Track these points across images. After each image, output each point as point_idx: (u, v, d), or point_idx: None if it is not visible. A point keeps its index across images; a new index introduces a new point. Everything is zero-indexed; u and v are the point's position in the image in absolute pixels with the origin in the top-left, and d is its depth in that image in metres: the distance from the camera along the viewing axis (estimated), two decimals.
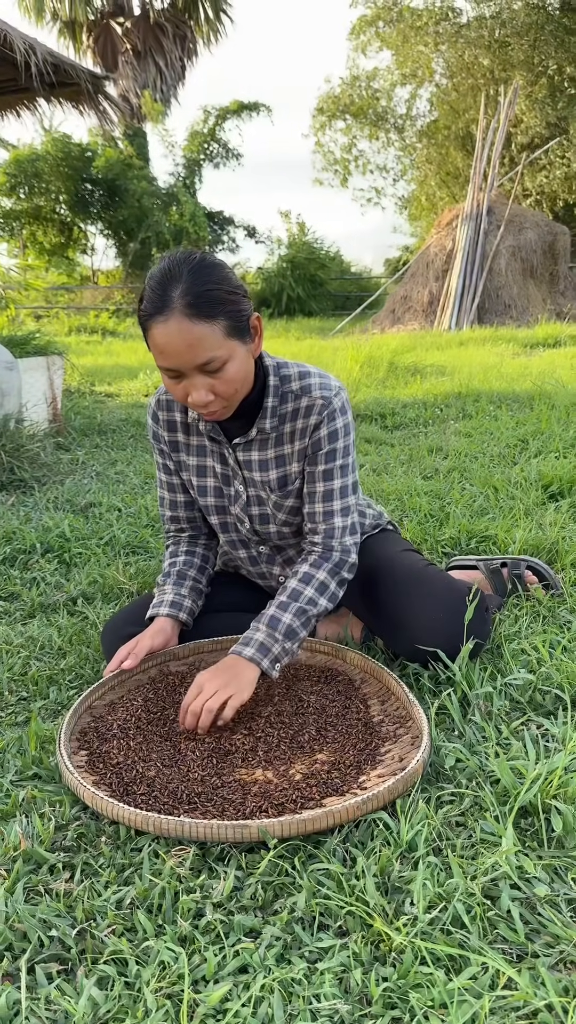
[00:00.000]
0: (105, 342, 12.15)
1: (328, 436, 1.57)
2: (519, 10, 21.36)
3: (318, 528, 1.61)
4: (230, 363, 1.40)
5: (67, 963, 0.98)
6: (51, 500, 3.10)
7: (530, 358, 7.80)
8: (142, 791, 1.26)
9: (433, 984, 0.93)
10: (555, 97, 21.51)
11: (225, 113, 21.99)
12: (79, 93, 6.61)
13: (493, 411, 4.52)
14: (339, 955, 0.97)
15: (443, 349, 8.95)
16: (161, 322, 1.35)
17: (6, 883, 1.08)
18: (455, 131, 23.15)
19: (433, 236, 14.47)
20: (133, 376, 7.15)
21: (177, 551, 1.78)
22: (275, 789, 1.26)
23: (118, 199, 19.34)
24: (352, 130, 25.17)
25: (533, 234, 13.63)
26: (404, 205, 27.69)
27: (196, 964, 0.96)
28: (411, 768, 1.21)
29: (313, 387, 1.56)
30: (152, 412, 1.70)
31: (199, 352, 1.36)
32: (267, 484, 1.62)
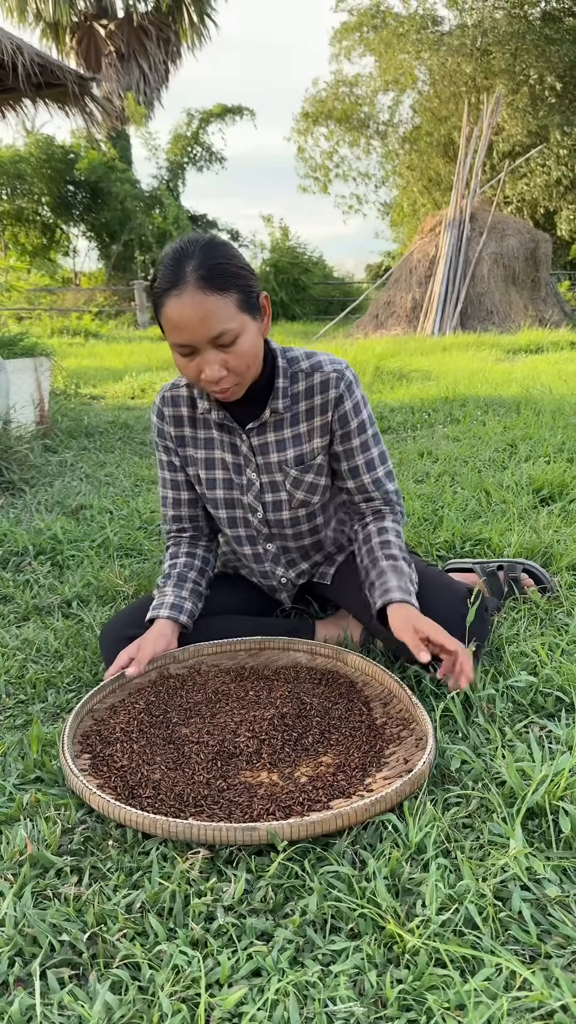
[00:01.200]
0: (88, 344, 12.09)
1: (353, 409, 1.62)
2: (500, 19, 21.56)
3: (374, 495, 1.69)
4: (242, 337, 1.43)
5: (78, 968, 0.97)
6: (41, 502, 3.08)
7: (513, 364, 7.86)
8: (148, 794, 1.25)
9: (448, 986, 0.93)
10: (536, 106, 21.71)
11: (208, 116, 22.00)
12: (65, 94, 6.58)
13: (480, 416, 4.54)
14: (353, 957, 0.97)
15: (427, 354, 8.99)
16: (175, 296, 1.37)
17: (13, 888, 1.07)
18: (437, 138, 23.30)
19: (416, 242, 14.55)
20: (118, 378, 7.12)
21: (178, 552, 1.77)
22: (281, 792, 1.26)
23: (101, 201, 19.28)
24: (335, 135, 25.26)
25: (515, 241, 13.74)
26: (386, 211, 27.83)
27: (209, 968, 0.96)
28: (418, 770, 1.21)
29: (324, 363, 1.61)
30: (157, 410, 1.70)
31: (212, 324, 1.38)
32: (284, 463, 1.64)
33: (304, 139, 25.43)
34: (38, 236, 20.23)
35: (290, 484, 1.66)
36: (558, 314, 13.96)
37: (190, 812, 1.21)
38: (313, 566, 1.83)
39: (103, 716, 1.49)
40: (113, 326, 16.22)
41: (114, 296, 19.08)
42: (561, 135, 21.24)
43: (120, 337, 13.78)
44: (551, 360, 8.13)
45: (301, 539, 1.75)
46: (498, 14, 21.66)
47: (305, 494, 1.67)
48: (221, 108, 21.96)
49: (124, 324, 16.82)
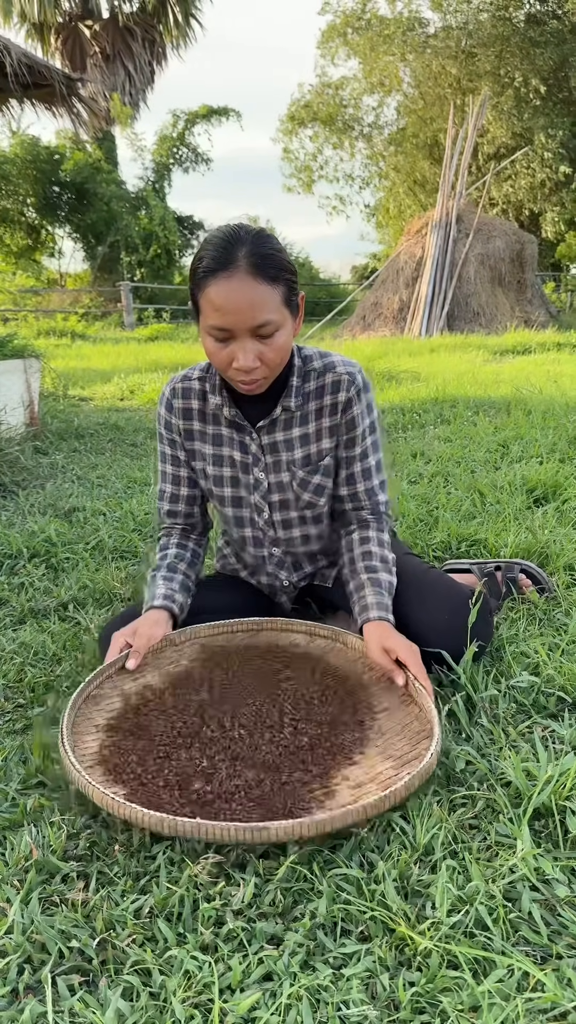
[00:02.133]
0: (75, 345, 12.03)
1: (360, 414, 1.62)
2: (485, 21, 21.66)
3: (364, 504, 1.68)
4: (281, 331, 1.42)
5: (88, 974, 0.96)
6: (33, 504, 3.06)
7: (501, 365, 7.89)
8: (162, 796, 1.23)
9: (461, 987, 0.93)
10: (520, 108, 21.83)
11: (194, 117, 21.98)
12: (52, 95, 6.56)
13: (471, 417, 4.55)
14: (364, 960, 0.96)
15: (415, 355, 9.01)
16: (224, 278, 1.35)
17: (20, 894, 1.06)
18: (423, 140, 23.38)
19: (403, 243, 14.58)
20: (106, 380, 7.10)
21: (168, 543, 1.76)
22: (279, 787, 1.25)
23: (86, 202, 19.24)
24: (320, 137, 25.30)
25: (501, 242, 13.81)
26: (371, 213, 27.91)
27: (220, 973, 0.95)
28: (427, 761, 1.20)
29: (337, 364, 1.60)
30: (166, 401, 1.67)
31: (259, 312, 1.37)
32: (292, 463, 1.63)
33: (289, 140, 25.48)
34: (23, 237, 20.15)
35: (297, 485, 1.65)
36: (544, 315, 14.03)
37: (197, 810, 1.20)
38: (316, 569, 1.83)
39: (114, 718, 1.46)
40: (99, 327, 16.17)
41: (100, 297, 19.03)
42: (546, 137, 21.36)
43: (107, 338, 13.73)
44: (539, 361, 8.18)
45: (308, 542, 1.74)
46: (483, 16, 21.76)
47: (311, 495, 1.66)
48: (207, 109, 21.95)
49: (111, 325, 16.78)
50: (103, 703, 1.48)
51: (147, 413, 5.45)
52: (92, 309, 17.98)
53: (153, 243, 19.35)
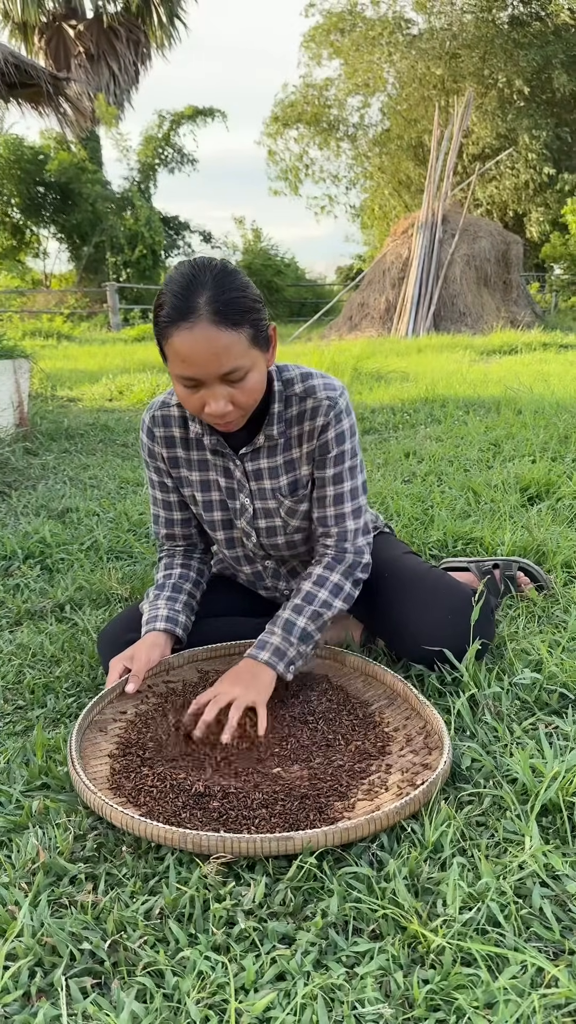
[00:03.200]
0: (61, 346, 11.98)
1: (336, 439, 1.55)
2: (469, 23, 21.75)
3: (331, 531, 1.59)
4: (251, 373, 1.38)
5: (100, 977, 0.95)
6: (26, 505, 3.04)
7: (488, 365, 7.92)
8: (181, 815, 1.22)
9: (476, 984, 0.92)
10: (504, 109, 21.94)
11: (180, 118, 21.93)
12: (39, 94, 6.53)
13: (461, 416, 4.57)
14: (378, 959, 0.96)
15: (403, 355, 9.03)
16: (186, 329, 1.31)
17: (28, 896, 1.05)
18: (407, 141, 23.45)
19: (389, 244, 14.62)
20: (94, 380, 7.07)
21: (172, 563, 1.74)
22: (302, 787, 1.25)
23: (71, 203, 19.15)
24: (305, 138, 25.33)
25: (487, 243, 13.87)
26: (357, 213, 27.96)
27: (234, 973, 0.94)
28: (441, 768, 1.21)
29: (317, 388, 1.54)
30: (147, 429, 1.63)
31: (225, 361, 1.33)
32: (278, 491, 1.60)
33: (274, 141, 25.49)
34: (7, 238, 20.04)
35: (285, 513, 1.61)
36: (530, 315, 14.10)
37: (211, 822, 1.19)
38: None
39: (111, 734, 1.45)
40: (85, 328, 16.11)
41: (85, 298, 18.96)
42: (529, 138, 21.48)
43: (93, 339, 13.68)
44: (526, 361, 8.22)
45: (300, 556, 1.72)
46: (467, 17, 21.85)
47: (300, 521, 1.64)
48: (192, 110, 21.91)
49: (96, 326, 16.71)
50: (108, 728, 1.46)
51: (136, 414, 5.44)
52: (78, 310, 17.91)
53: (139, 243, 19.29)
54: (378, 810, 1.19)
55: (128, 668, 1.55)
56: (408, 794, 1.22)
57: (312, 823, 1.18)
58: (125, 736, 1.43)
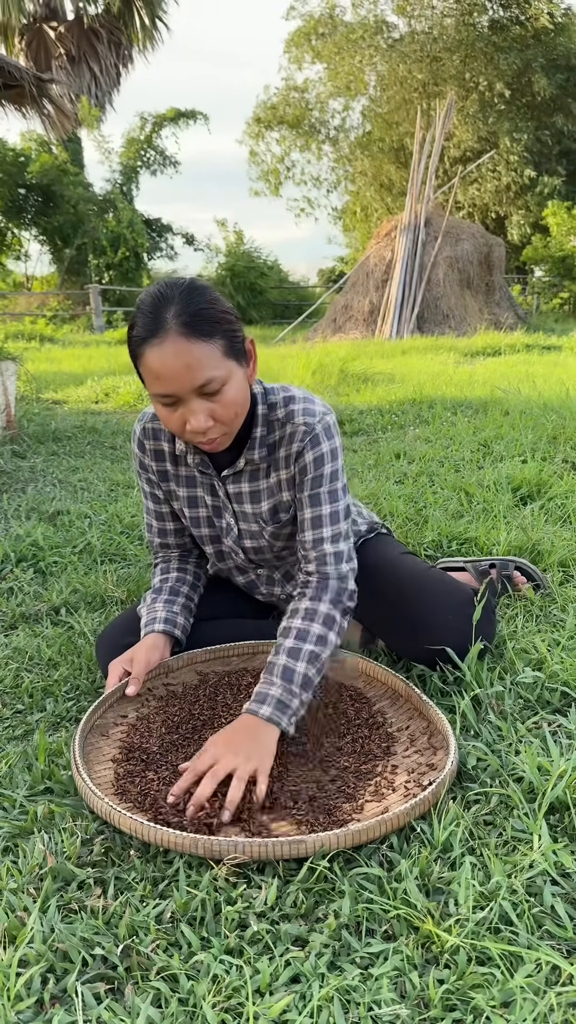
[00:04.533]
0: (44, 349, 11.91)
1: (313, 462, 1.50)
2: (450, 26, 21.88)
3: (309, 556, 1.52)
4: (229, 385, 1.35)
5: (113, 982, 0.95)
6: (16, 508, 3.01)
7: (473, 366, 7.96)
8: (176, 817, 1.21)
9: (491, 983, 0.92)
10: (485, 112, 22.09)
11: (162, 120, 21.91)
12: (22, 95, 6.49)
13: (449, 417, 4.58)
14: (392, 959, 0.96)
15: (388, 357, 9.05)
16: (156, 345, 1.29)
17: (37, 902, 1.04)
18: (388, 143, 23.54)
19: (372, 246, 14.66)
20: (79, 383, 7.03)
21: (169, 568, 1.73)
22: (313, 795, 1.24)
23: (53, 205, 19.08)
24: (286, 140, 25.37)
25: (469, 245, 13.94)
26: (339, 216, 28.03)
27: (248, 975, 0.94)
28: (449, 768, 1.21)
29: (296, 413, 1.50)
30: (138, 441, 1.62)
31: (197, 372, 1.30)
32: (259, 516, 1.58)
33: (256, 143, 25.51)
34: None
35: (269, 536, 1.61)
36: (512, 317, 14.19)
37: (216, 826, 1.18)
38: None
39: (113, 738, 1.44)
40: (68, 330, 16.04)
41: (68, 300, 18.88)
42: (511, 141, 21.63)
43: (76, 341, 13.62)
44: (510, 363, 8.26)
45: (293, 563, 1.72)
46: (447, 21, 21.97)
47: (286, 541, 1.63)
48: (174, 112, 21.89)
49: (79, 328, 16.65)
50: (110, 732, 1.45)
51: (124, 416, 5.42)
52: (60, 312, 17.83)
53: (121, 246, 19.23)
54: (387, 811, 1.19)
55: (127, 671, 1.54)
56: (415, 794, 1.22)
57: (322, 825, 1.18)
58: (127, 740, 1.42)
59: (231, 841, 1.09)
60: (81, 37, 20.88)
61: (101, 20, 21.03)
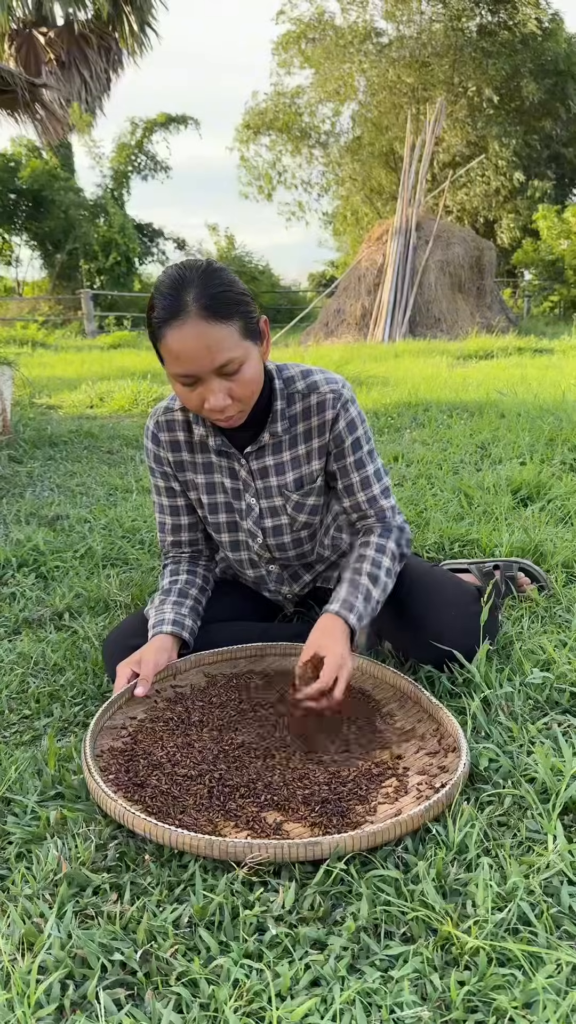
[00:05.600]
0: (36, 353, 11.88)
1: (347, 427, 1.58)
2: (438, 31, 21.96)
3: (368, 513, 1.64)
4: (247, 364, 1.40)
5: (132, 988, 0.94)
6: (16, 513, 3.00)
7: (466, 369, 7.97)
8: (188, 818, 1.20)
9: (512, 984, 0.92)
10: (474, 117, 22.18)
11: (153, 125, 21.93)
12: (15, 101, 6.49)
13: (445, 420, 4.59)
14: (412, 961, 0.96)
15: (381, 361, 9.07)
16: (177, 326, 1.34)
17: (53, 908, 1.03)
18: (379, 148, 23.61)
19: (364, 250, 14.69)
20: (73, 388, 7.01)
21: (178, 570, 1.73)
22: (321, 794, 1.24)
23: (44, 210, 19.07)
24: (276, 145, 25.41)
25: (460, 249, 13.98)
26: (329, 220, 28.10)
27: (269, 979, 0.93)
28: (462, 770, 1.21)
29: (320, 383, 1.57)
30: (151, 435, 1.65)
31: (217, 354, 1.35)
32: (284, 487, 1.61)
33: (246, 148, 25.55)
34: None
35: (292, 508, 1.63)
36: (504, 321, 14.23)
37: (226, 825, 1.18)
38: (315, 575, 1.82)
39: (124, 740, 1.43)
40: (60, 335, 16.01)
41: (59, 305, 18.86)
42: (499, 146, 21.73)
43: (69, 346, 13.60)
44: (502, 366, 8.28)
45: (304, 557, 1.73)
46: (436, 26, 22.05)
47: (308, 516, 1.66)
48: (165, 117, 21.92)
49: (71, 333, 16.63)
50: (120, 735, 1.44)
51: (119, 420, 5.41)
52: (52, 317, 17.80)
53: (112, 251, 19.23)
54: (400, 813, 1.19)
55: (136, 672, 1.54)
56: (428, 796, 1.22)
57: (335, 827, 1.17)
58: (138, 742, 1.41)
59: (246, 843, 1.09)
60: (71, 42, 20.86)
61: (91, 26, 21.02)
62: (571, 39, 22.42)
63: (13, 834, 1.20)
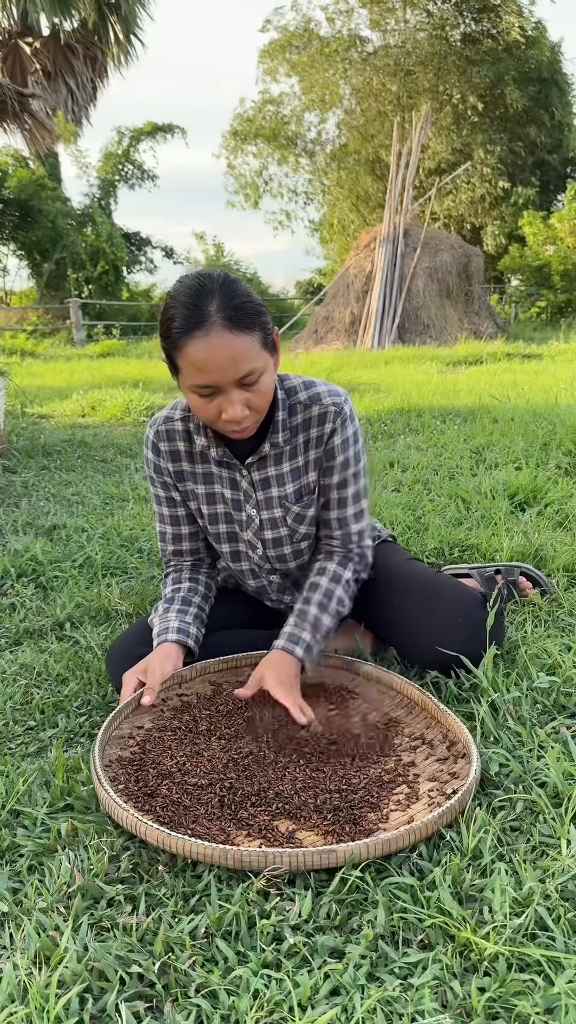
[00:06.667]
0: (25, 363, 11.85)
1: (341, 444, 1.58)
2: (423, 40, 22.11)
3: (334, 533, 1.65)
4: (265, 375, 1.40)
5: (151, 1000, 0.93)
6: (13, 523, 2.99)
7: (457, 375, 8.00)
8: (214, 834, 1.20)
9: (533, 990, 0.92)
10: (459, 124, 22.32)
11: (139, 134, 21.96)
12: (3, 111, 6.49)
13: (439, 425, 4.60)
14: (432, 968, 0.95)
15: (371, 367, 9.09)
16: (201, 337, 1.32)
17: (68, 921, 1.02)
18: (365, 156, 23.72)
19: (352, 258, 14.74)
20: (64, 397, 7.00)
21: (180, 578, 1.73)
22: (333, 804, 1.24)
23: (31, 219, 19.05)
24: (263, 153, 25.50)
25: (448, 256, 14.05)
26: (315, 228, 28.19)
27: (288, 990, 0.93)
28: (473, 776, 1.21)
29: (322, 395, 1.56)
30: (152, 444, 1.63)
31: (241, 364, 1.35)
32: (285, 499, 1.60)
33: (233, 156, 25.62)
34: None
35: (292, 520, 1.63)
36: (492, 327, 14.30)
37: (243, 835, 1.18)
38: None
39: (132, 750, 1.43)
40: (49, 345, 15.98)
41: (47, 315, 18.82)
42: (484, 153, 21.87)
43: (58, 356, 13.58)
44: (492, 371, 8.32)
45: (304, 567, 1.72)
46: (420, 35, 22.20)
47: (307, 527, 1.65)
48: (152, 126, 21.95)
49: (60, 342, 16.60)
50: (128, 745, 1.43)
51: (112, 429, 5.40)
52: (40, 326, 17.77)
53: (100, 260, 19.22)
54: (412, 820, 1.18)
55: (142, 681, 1.53)
56: (440, 803, 1.22)
57: (348, 835, 1.17)
58: (146, 752, 1.40)
59: (261, 852, 1.08)
60: (57, 53, 20.89)
61: (77, 36, 21.06)
62: (554, 47, 22.64)
63: (24, 846, 1.19)
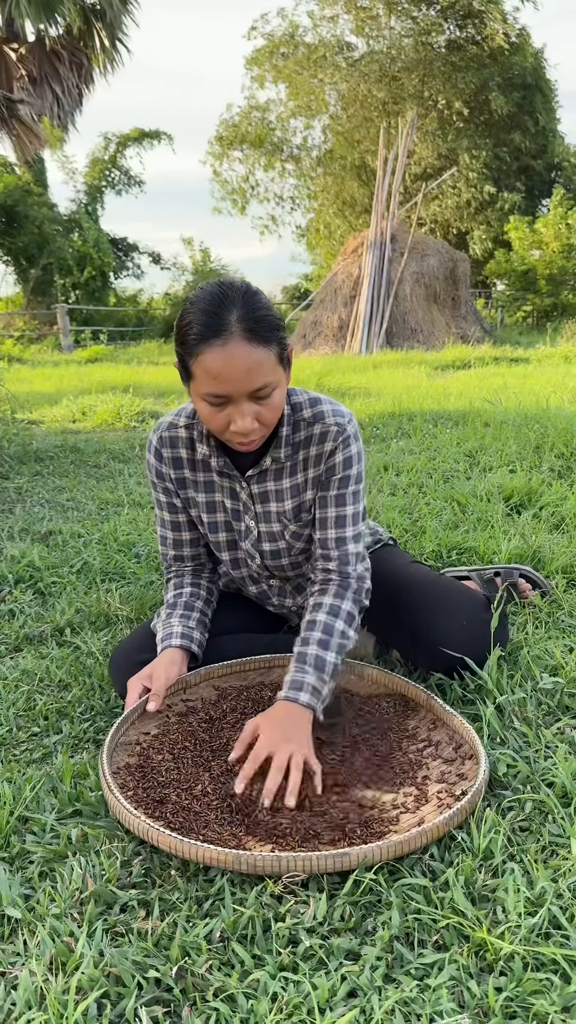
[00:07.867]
0: (12, 369, 11.80)
1: (343, 463, 1.55)
2: (408, 46, 22.24)
3: (331, 555, 1.57)
4: (277, 390, 1.39)
5: (169, 1005, 0.93)
6: (7, 529, 2.98)
7: (445, 379, 8.04)
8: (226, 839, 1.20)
9: (550, 989, 0.92)
10: (445, 130, 22.46)
11: (126, 140, 21.95)
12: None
13: (431, 429, 4.62)
14: (448, 969, 0.95)
15: (360, 372, 9.12)
16: (219, 345, 1.32)
17: (82, 927, 1.02)
18: (351, 161, 23.82)
19: (339, 263, 14.79)
20: (53, 403, 6.98)
21: (183, 583, 1.72)
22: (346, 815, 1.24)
23: (17, 225, 19.00)
24: (250, 159, 25.55)
25: (435, 260, 14.12)
26: (302, 233, 28.26)
27: (307, 992, 0.93)
28: (482, 777, 1.21)
29: (326, 414, 1.54)
30: (155, 450, 1.63)
31: (256, 377, 1.34)
32: (283, 515, 1.60)
33: (219, 163, 25.66)
34: None
35: (290, 536, 1.62)
36: (479, 331, 14.38)
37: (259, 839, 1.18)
38: None
39: (139, 756, 1.42)
40: (36, 350, 15.93)
41: (34, 320, 18.78)
42: (470, 158, 22.01)
43: (45, 361, 13.53)
44: (480, 375, 8.36)
45: (304, 575, 1.71)
46: (405, 41, 22.32)
47: (305, 543, 1.64)
48: (139, 132, 21.94)
49: (47, 348, 16.55)
50: (134, 751, 1.43)
51: (104, 434, 5.38)
52: (27, 332, 17.72)
53: (87, 265, 19.20)
54: (423, 822, 1.19)
55: (147, 687, 1.53)
56: (449, 804, 1.22)
57: (360, 838, 1.17)
58: (153, 758, 1.40)
59: (274, 856, 1.08)
60: (42, 58, 20.81)
61: (62, 41, 21.00)
62: (538, 53, 22.83)
63: (34, 852, 1.19)
